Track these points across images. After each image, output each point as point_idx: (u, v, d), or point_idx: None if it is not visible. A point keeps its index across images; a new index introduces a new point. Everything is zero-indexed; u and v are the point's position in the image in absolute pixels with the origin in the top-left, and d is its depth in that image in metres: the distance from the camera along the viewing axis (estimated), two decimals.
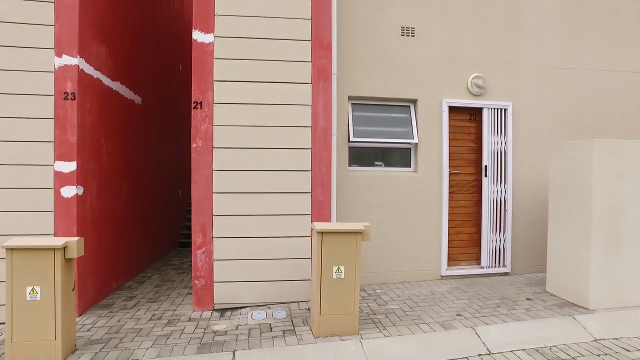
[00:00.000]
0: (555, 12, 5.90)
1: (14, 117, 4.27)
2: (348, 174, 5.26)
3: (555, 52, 5.89)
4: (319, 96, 4.61)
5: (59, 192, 4.37)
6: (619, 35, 6.08)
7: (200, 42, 4.46)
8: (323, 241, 3.71)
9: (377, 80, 5.32)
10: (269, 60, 4.51)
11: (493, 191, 5.70)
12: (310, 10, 4.64)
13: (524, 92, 5.78)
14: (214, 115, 4.41)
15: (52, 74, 4.37)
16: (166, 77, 7.73)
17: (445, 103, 5.49)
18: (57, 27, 4.36)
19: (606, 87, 6.02)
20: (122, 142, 5.67)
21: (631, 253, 4.40)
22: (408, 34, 5.41)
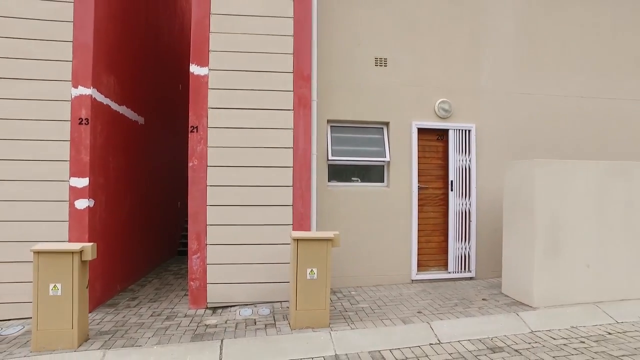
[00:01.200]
0: (511, 44, 6.63)
1: (37, 140, 4.96)
2: (327, 188, 5.94)
3: (513, 79, 6.61)
4: (299, 121, 5.31)
5: (73, 204, 5.04)
6: (568, 65, 6.80)
7: (196, 75, 5.17)
8: (299, 247, 4.38)
9: (354, 105, 6.03)
10: (256, 90, 5.23)
11: (458, 204, 6.38)
12: (292, 46, 5.36)
13: (485, 115, 6.48)
14: (208, 138, 5.11)
15: (69, 102, 5.07)
16: (166, 97, 8.45)
17: (414, 125, 6.19)
18: (74, 63, 5.07)
19: (558, 110, 6.72)
20: (127, 159, 6.36)
21: (567, 258, 5.06)
22: (381, 64, 6.14)
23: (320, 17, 5.88)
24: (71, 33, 5.09)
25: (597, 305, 5.01)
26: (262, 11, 5.31)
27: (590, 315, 4.81)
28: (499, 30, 6.60)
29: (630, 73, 6.99)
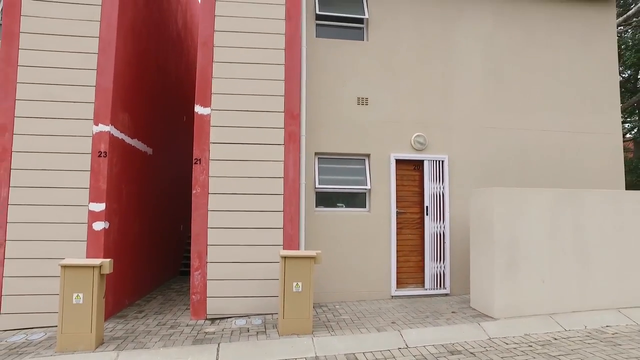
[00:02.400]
0: (480, 84, 7.48)
1: (63, 170, 5.74)
2: (315, 213, 6.68)
3: (482, 115, 7.43)
4: (289, 154, 6.10)
5: (91, 226, 5.78)
6: (531, 102, 7.63)
7: (200, 114, 6.00)
8: (286, 264, 5.09)
9: (338, 139, 6.84)
10: (252, 127, 6.04)
11: (434, 227, 7.09)
12: (283, 89, 6.21)
13: (457, 147, 7.27)
14: (210, 168, 5.90)
15: (91, 138, 5.88)
16: (171, 128, 9.30)
17: (392, 157, 6.98)
18: (96, 104, 5.91)
19: (523, 142, 7.51)
20: (137, 186, 7.13)
21: (524, 275, 5.75)
22: (363, 103, 6.98)
23: (309, 62, 6.76)
24: (94, 79, 5.95)
25: (550, 316, 5.66)
26: (258, 59, 6.18)
27: (543, 324, 5.46)
28: (469, 71, 7.46)
29: (584, 109, 7.81)
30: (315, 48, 6.87)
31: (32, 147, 5.75)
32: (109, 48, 6.05)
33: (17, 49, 5.80)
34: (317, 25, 7.03)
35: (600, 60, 7.99)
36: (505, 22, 7.72)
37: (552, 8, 7.91)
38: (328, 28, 7.10)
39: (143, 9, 7.24)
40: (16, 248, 5.62)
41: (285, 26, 6.33)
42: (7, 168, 5.71)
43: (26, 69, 5.81)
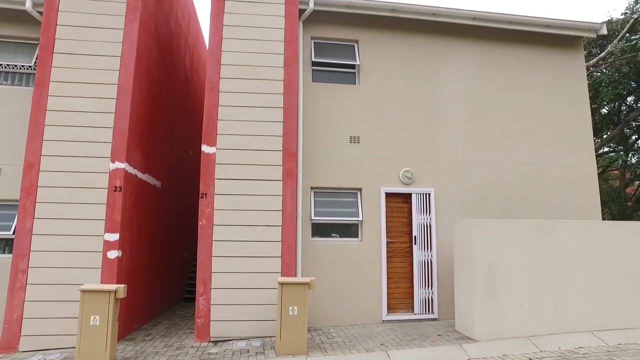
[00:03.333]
0: (463, 122, 8.15)
1: (82, 203, 6.36)
2: (311, 243, 7.22)
3: (465, 150, 8.06)
4: (287, 189, 6.72)
5: (106, 254, 6.34)
6: (511, 138, 8.28)
7: (206, 153, 6.66)
8: (283, 289, 5.62)
9: (333, 174, 7.46)
10: (253, 165, 6.68)
11: (422, 255, 7.61)
12: (282, 130, 6.88)
13: (442, 181, 7.87)
14: (215, 202, 6.50)
15: (107, 174, 6.52)
16: (179, 161, 9.97)
17: (382, 190, 7.58)
18: (113, 144, 6.58)
19: (504, 175, 8.11)
20: (147, 217, 7.72)
21: (503, 299, 6.23)
22: (355, 141, 7.64)
23: (305, 105, 7.48)
24: (112, 121, 6.65)
25: (528, 339, 6.11)
26: (259, 103, 6.88)
27: (520, 345, 5.91)
28: (453, 110, 8.15)
29: (560, 145, 8.44)
30: (311, 92, 7.59)
31: (56, 183, 6.39)
32: (126, 93, 6.77)
33: (47, 96, 6.52)
34: (313, 70, 7.79)
35: (573, 100, 8.69)
36: (486, 66, 8.47)
37: (527, 53, 8.68)
38: (323, 73, 7.86)
39: (156, 56, 8.02)
40: (37, 274, 6.17)
41: (284, 73, 7.07)
42: (33, 201, 6.33)
43: (53, 113, 6.52)
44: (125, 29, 6.91)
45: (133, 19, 6.95)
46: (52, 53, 6.66)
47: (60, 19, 6.74)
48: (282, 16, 7.22)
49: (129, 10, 6.97)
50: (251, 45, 7.04)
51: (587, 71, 14.82)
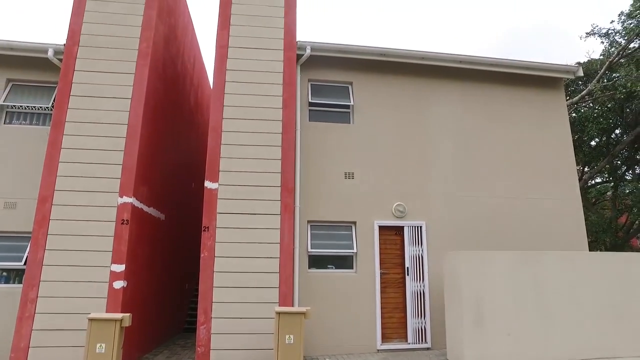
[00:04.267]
0: (451, 158, 8.62)
1: (91, 235, 6.73)
2: (307, 274, 7.55)
3: (455, 185, 8.49)
4: (285, 222, 7.11)
5: (112, 284, 6.66)
6: (497, 173, 8.72)
7: (209, 188, 7.09)
8: (280, 319, 5.92)
9: (329, 208, 7.87)
10: (253, 200, 7.10)
11: (414, 286, 7.92)
12: (280, 167, 7.34)
13: (433, 214, 8.27)
14: (216, 235, 6.88)
15: (116, 208, 6.93)
16: (182, 194, 10.38)
17: (376, 224, 7.97)
18: (122, 180, 7.01)
19: (492, 207, 8.50)
20: (150, 248, 8.07)
21: (491, 328, 6.52)
22: (349, 177, 8.09)
23: (303, 143, 7.97)
24: (122, 158, 7.11)
25: None
26: (259, 142, 7.37)
27: None
28: (441, 147, 8.64)
29: (545, 179, 8.87)
30: (308, 130, 8.10)
31: (67, 216, 6.79)
32: (135, 133, 7.26)
33: (62, 135, 7.02)
34: (310, 110, 8.33)
35: (555, 136, 9.19)
36: (472, 104, 9.02)
37: (511, 92, 9.26)
38: (319, 113, 8.39)
39: (163, 96, 8.57)
40: (46, 303, 6.48)
41: (283, 113, 7.59)
42: (45, 233, 6.71)
43: (68, 151, 7.00)
44: (136, 73, 7.48)
45: (143, 65, 7.53)
46: (69, 96, 7.20)
47: (77, 65, 7.32)
48: (281, 61, 7.81)
49: (140, 56, 7.57)
50: (252, 87, 7.60)
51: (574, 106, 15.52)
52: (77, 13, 7.53)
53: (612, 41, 14.63)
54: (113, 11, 7.68)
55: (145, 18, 7.75)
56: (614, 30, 14.57)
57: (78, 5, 7.58)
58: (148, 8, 7.77)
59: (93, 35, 7.52)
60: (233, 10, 7.95)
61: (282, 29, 7.97)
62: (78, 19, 7.53)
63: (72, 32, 7.47)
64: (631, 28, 13.62)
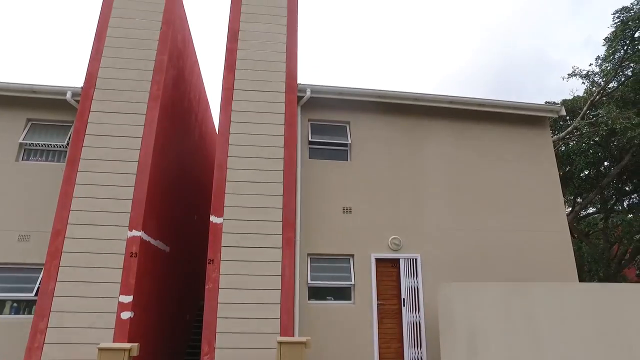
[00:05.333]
0: (445, 193, 9.05)
1: (101, 267, 7.05)
2: (308, 305, 7.84)
3: (448, 219, 8.89)
4: (286, 255, 7.47)
5: (119, 315, 6.94)
6: (489, 207, 9.14)
7: (214, 223, 7.47)
8: (281, 348, 6.19)
9: (328, 242, 8.24)
10: (256, 234, 7.48)
11: (410, 317, 8.20)
12: (282, 202, 7.75)
13: (428, 246, 8.63)
14: (221, 268, 7.22)
15: (125, 241, 7.28)
16: (185, 226, 10.73)
17: (373, 256, 8.32)
18: (131, 215, 7.39)
19: (484, 241, 8.87)
20: (155, 280, 8.36)
21: (483, 358, 6.77)
22: (348, 212, 8.50)
23: (303, 179, 8.41)
24: (132, 194, 7.52)
25: None
26: (262, 179, 7.81)
27: None
28: (435, 183, 9.09)
29: (534, 212, 9.27)
30: (308, 167, 8.57)
31: (79, 248, 7.13)
32: (145, 169, 7.70)
33: (76, 172, 7.44)
34: (310, 148, 8.82)
35: (542, 171, 9.67)
36: (463, 142, 9.53)
37: (500, 130, 9.80)
38: (319, 150, 8.89)
39: (170, 133, 9.06)
40: (55, 334, 6.73)
41: (284, 152, 8.07)
42: (57, 265, 7.03)
43: (81, 186, 7.41)
44: (147, 114, 7.99)
45: (154, 106, 8.05)
46: (84, 134, 7.67)
47: (93, 106, 7.83)
48: (283, 102, 8.35)
49: (151, 99, 8.09)
50: (256, 127, 8.10)
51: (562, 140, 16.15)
52: (95, 58, 8.11)
53: (592, 81, 15.48)
54: (127, 56, 8.26)
55: (157, 63, 8.33)
56: (592, 72, 15.47)
57: (96, 51, 8.17)
58: (160, 54, 8.36)
59: (108, 79, 8.07)
60: (238, 55, 8.55)
61: (284, 72, 8.55)
62: (95, 64, 8.09)
63: (90, 75, 8.02)
64: (608, 70, 14.49)
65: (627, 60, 14.36)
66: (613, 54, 14.39)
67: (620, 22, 14.12)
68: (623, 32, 13.93)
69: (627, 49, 14.25)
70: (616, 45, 14.25)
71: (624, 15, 14.04)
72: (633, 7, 13.92)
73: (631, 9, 13.91)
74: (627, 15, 13.93)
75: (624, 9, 14.05)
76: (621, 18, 14.11)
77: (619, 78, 14.94)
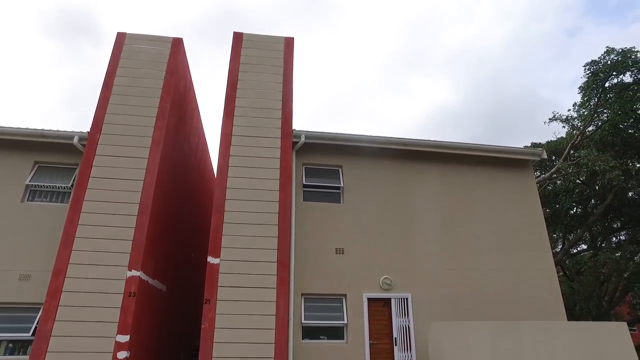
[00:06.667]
0: (435, 234, 9.40)
1: (99, 307, 7.23)
2: (301, 344, 7.99)
3: (437, 258, 9.19)
4: (280, 295, 7.69)
5: (116, 355, 7.05)
6: (479, 248, 9.47)
7: (211, 263, 7.73)
8: None
9: (321, 282, 8.48)
10: (251, 274, 7.73)
11: (402, 356, 8.34)
12: (277, 244, 8.05)
13: (419, 286, 8.88)
14: (217, 307, 7.42)
15: (124, 281, 7.49)
16: (182, 265, 10.91)
17: (365, 296, 8.55)
18: (131, 255, 7.64)
19: (473, 280, 9.12)
20: (152, 319, 8.49)
21: None
22: (340, 252, 8.80)
23: (297, 221, 8.75)
24: (132, 234, 7.80)
25: None
26: (258, 221, 8.14)
27: None
28: (424, 223, 9.45)
29: (521, 252, 9.58)
30: (302, 209, 8.93)
31: (78, 288, 7.33)
32: (146, 210, 8.02)
33: (80, 212, 7.75)
34: (304, 191, 9.21)
35: (527, 211, 10.07)
36: (451, 184, 9.98)
37: (486, 173, 10.27)
38: (312, 193, 9.28)
39: (170, 175, 9.44)
40: None
41: (279, 195, 8.45)
42: (56, 305, 7.20)
43: (83, 227, 7.69)
44: (149, 157, 8.40)
45: (156, 150, 8.47)
46: (88, 177, 8.03)
47: (98, 150, 8.24)
48: (279, 148, 8.81)
49: (154, 143, 8.53)
50: (252, 171, 8.51)
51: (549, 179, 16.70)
52: (102, 105, 8.60)
53: (572, 125, 16.33)
54: (133, 103, 8.76)
55: (160, 109, 8.83)
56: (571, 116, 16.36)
57: (103, 98, 8.67)
58: (163, 101, 8.88)
59: (114, 124, 8.53)
60: (237, 103, 9.08)
61: (280, 119, 9.07)
62: (102, 110, 8.57)
63: (96, 121, 8.48)
64: (585, 115, 15.36)
65: (601, 106, 15.29)
66: (588, 101, 15.39)
67: (591, 73, 15.20)
68: (595, 82, 14.97)
69: (600, 97, 15.22)
70: (590, 93, 15.26)
71: (593, 68, 15.16)
72: (600, 60, 15.09)
73: (599, 62, 15.08)
74: (597, 67, 15.06)
75: (593, 62, 15.26)
76: (591, 70, 15.21)
77: (595, 123, 15.79)
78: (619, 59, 14.68)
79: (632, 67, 14.62)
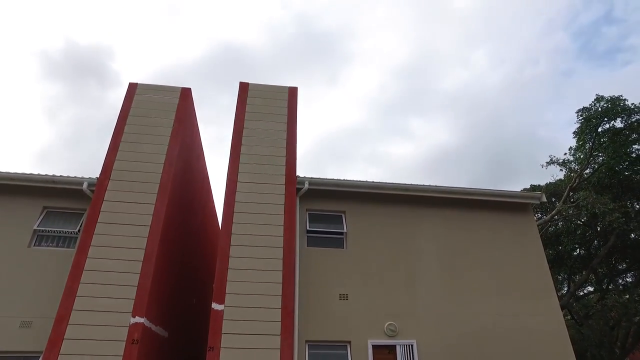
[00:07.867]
0: (438, 279, 9.39)
1: (102, 355, 7.15)
2: None
3: (442, 303, 9.12)
4: (285, 342, 7.60)
5: None
6: (483, 291, 9.41)
7: (215, 310, 7.72)
8: None
9: (325, 328, 8.41)
10: (255, 321, 7.70)
11: None
12: (281, 290, 8.06)
13: (424, 332, 8.77)
14: (221, 355, 7.34)
15: (127, 327, 7.45)
16: (184, 310, 10.82)
17: (370, 343, 8.45)
18: (136, 301, 7.65)
19: (479, 325, 8.98)
20: None
21: None
22: (344, 298, 8.78)
23: (301, 266, 8.78)
24: (137, 280, 7.83)
25: None
26: (262, 267, 8.19)
27: None
28: (428, 268, 9.46)
29: (526, 295, 9.51)
30: (306, 255, 8.99)
31: (81, 335, 7.29)
32: (151, 256, 8.09)
33: (86, 258, 7.82)
34: (307, 237, 9.30)
35: (530, 254, 10.07)
36: (453, 228, 10.06)
37: (486, 216, 10.37)
38: (316, 239, 9.37)
39: (175, 222, 9.56)
40: None
41: (283, 240, 8.54)
42: (56, 353, 7.13)
43: (89, 272, 7.74)
44: (156, 203, 8.57)
45: (163, 196, 8.65)
46: (96, 222, 8.17)
47: (106, 196, 8.43)
48: (283, 194, 9.00)
49: (161, 189, 8.73)
50: (257, 217, 8.65)
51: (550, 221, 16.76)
52: (112, 152, 8.87)
53: (569, 168, 16.64)
54: (142, 150, 9.04)
55: (168, 156, 9.09)
56: (568, 160, 16.73)
57: (114, 145, 8.96)
58: (171, 149, 9.16)
59: (123, 171, 8.76)
60: (242, 150, 9.36)
61: (284, 166, 9.31)
62: (112, 157, 8.84)
63: (106, 167, 8.73)
64: (581, 159, 15.70)
65: (595, 150, 15.68)
66: (583, 145, 15.78)
67: (583, 119, 15.75)
68: (588, 127, 15.46)
69: (594, 141, 15.64)
70: (584, 137, 15.71)
71: (585, 114, 15.73)
72: (592, 107, 15.70)
73: (590, 109, 15.68)
74: (588, 113, 15.62)
75: (585, 108, 15.87)
76: (584, 116, 15.77)
77: (592, 165, 16.11)
78: (609, 106, 15.26)
79: (622, 114, 15.16)
